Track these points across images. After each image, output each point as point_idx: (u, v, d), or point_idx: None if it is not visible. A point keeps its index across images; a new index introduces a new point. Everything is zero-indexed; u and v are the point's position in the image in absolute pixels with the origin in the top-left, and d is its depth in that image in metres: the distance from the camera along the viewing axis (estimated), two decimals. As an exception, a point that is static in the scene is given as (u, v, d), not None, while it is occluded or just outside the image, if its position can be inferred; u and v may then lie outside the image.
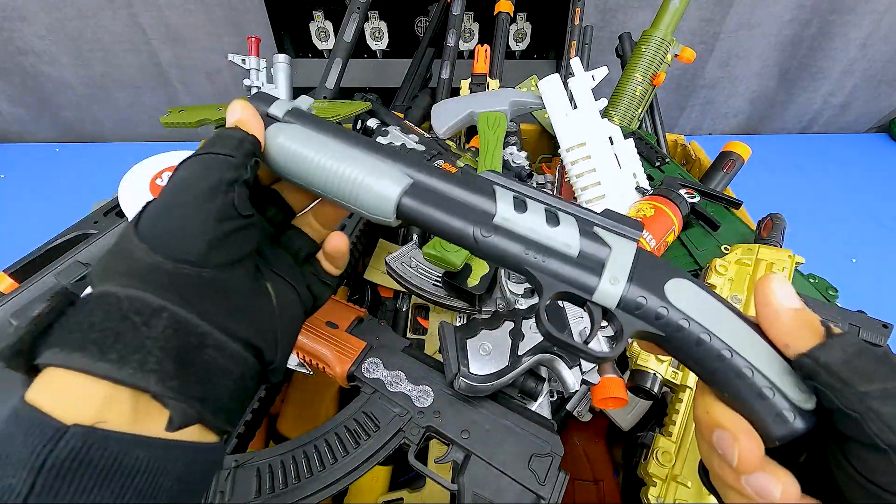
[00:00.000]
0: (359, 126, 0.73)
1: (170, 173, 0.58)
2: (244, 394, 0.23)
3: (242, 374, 0.23)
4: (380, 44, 0.91)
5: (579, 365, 0.48)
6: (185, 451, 0.20)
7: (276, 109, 0.26)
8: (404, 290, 0.54)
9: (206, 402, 0.21)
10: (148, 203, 0.23)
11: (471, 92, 0.71)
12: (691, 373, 0.50)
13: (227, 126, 0.25)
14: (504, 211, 0.25)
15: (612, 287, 0.23)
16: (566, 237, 0.24)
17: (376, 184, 0.24)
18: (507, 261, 0.24)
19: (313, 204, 0.30)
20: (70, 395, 0.19)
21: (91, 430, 0.18)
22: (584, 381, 0.48)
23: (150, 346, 0.19)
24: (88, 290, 0.22)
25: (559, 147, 0.62)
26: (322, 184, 0.25)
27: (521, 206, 0.25)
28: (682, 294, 0.23)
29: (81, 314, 0.20)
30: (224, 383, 0.22)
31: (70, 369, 0.19)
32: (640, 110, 0.72)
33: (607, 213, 0.25)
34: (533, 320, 0.43)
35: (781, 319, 0.21)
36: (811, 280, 0.51)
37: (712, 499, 0.44)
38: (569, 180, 0.61)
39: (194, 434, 0.21)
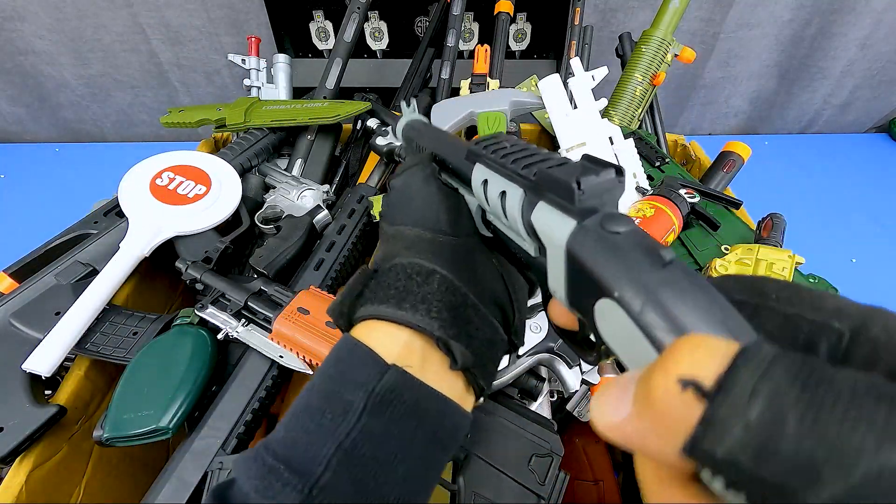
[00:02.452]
0: (359, 126, 0.74)
1: (170, 173, 0.58)
2: (495, 357, 0.28)
3: (492, 337, 0.27)
4: (380, 44, 0.91)
5: (579, 365, 0.48)
6: (457, 410, 0.25)
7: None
8: (404, 290, 0.54)
9: (474, 355, 0.25)
10: (385, 202, 0.31)
11: (471, 92, 0.71)
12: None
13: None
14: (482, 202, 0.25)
15: (559, 298, 0.20)
16: (519, 231, 0.22)
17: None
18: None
19: None
20: (383, 337, 0.24)
21: (403, 371, 0.23)
22: (584, 381, 0.48)
23: (430, 299, 0.25)
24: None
25: (559, 147, 0.62)
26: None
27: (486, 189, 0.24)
28: (609, 325, 0.16)
29: (380, 280, 0.26)
30: (482, 341, 0.26)
31: (379, 318, 0.25)
32: (640, 110, 0.72)
33: (549, 174, 0.19)
34: (533, 320, 0.43)
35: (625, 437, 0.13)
36: (811, 280, 0.51)
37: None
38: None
39: (460, 395, 0.25)
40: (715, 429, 0.10)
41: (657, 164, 0.66)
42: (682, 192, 0.55)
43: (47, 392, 0.43)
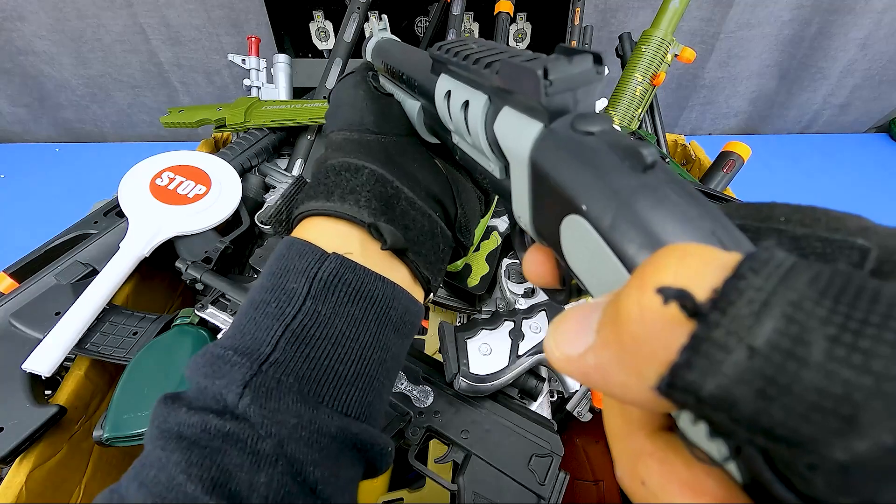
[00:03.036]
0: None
1: (170, 173, 0.58)
2: (437, 249, 0.27)
3: (431, 229, 0.27)
4: (380, 44, 0.91)
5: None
6: (406, 295, 0.25)
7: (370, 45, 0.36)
8: (404, 290, 0.54)
9: (411, 243, 0.25)
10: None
11: (471, 92, 0.71)
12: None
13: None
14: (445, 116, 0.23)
15: (524, 224, 0.17)
16: (482, 148, 0.19)
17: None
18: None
19: None
20: (321, 233, 0.25)
21: (343, 258, 0.23)
22: (584, 381, 0.48)
23: (359, 190, 0.25)
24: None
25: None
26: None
27: (448, 99, 0.22)
28: (574, 246, 0.14)
29: (312, 182, 0.27)
30: (419, 232, 0.26)
31: (312, 214, 0.25)
32: (640, 110, 0.72)
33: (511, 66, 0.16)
34: (533, 320, 0.43)
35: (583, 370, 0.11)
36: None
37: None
38: None
39: (408, 285, 0.26)
40: (705, 356, 0.08)
41: (657, 164, 0.66)
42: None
43: (47, 392, 0.43)
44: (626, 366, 0.09)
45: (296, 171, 0.64)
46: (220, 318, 0.43)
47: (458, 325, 0.52)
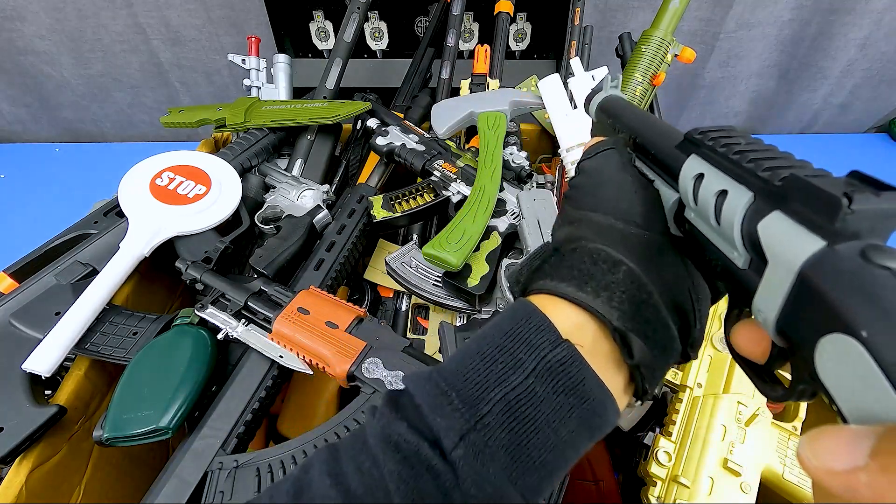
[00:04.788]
0: (359, 126, 0.74)
1: (170, 173, 0.58)
2: (665, 365, 0.26)
3: (667, 343, 0.25)
4: (380, 44, 0.91)
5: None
6: (614, 406, 0.23)
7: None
8: (404, 290, 0.54)
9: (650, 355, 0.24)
10: (573, 182, 0.30)
11: (471, 92, 0.71)
12: (691, 373, 0.50)
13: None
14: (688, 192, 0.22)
15: (762, 319, 0.18)
16: (732, 238, 0.19)
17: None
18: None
19: None
20: (559, 314, 0.24)
21: (575, 349, 0.23)
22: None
23: (613, 288, 0.24)
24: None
25: (559, 147, 0.62)
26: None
27: (699, 182, 0.22)
28: (837, 364, 0.14)
29: (563, 260, 0.26)
30: (656, 344, 0.25)
31: (557, 295, 0.24)
32: (640, 110, 0.72)
33: (795, 183, 0.17)
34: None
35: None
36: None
37: (712, 499, 0.44)
38: (569, 180, 0.61)
39: (619, 393, 0.24)
40: None
41: (657, 164, 0.66)
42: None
43: (47, 392, 0.43)
44: None
45: (296, 171, 0.64)
46: (219, 318, 0.43)
47: (458, 325, 0.52)
